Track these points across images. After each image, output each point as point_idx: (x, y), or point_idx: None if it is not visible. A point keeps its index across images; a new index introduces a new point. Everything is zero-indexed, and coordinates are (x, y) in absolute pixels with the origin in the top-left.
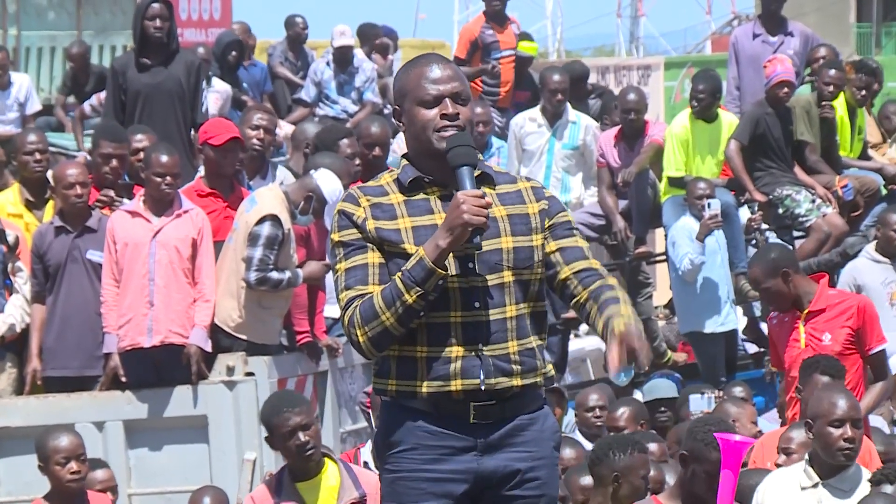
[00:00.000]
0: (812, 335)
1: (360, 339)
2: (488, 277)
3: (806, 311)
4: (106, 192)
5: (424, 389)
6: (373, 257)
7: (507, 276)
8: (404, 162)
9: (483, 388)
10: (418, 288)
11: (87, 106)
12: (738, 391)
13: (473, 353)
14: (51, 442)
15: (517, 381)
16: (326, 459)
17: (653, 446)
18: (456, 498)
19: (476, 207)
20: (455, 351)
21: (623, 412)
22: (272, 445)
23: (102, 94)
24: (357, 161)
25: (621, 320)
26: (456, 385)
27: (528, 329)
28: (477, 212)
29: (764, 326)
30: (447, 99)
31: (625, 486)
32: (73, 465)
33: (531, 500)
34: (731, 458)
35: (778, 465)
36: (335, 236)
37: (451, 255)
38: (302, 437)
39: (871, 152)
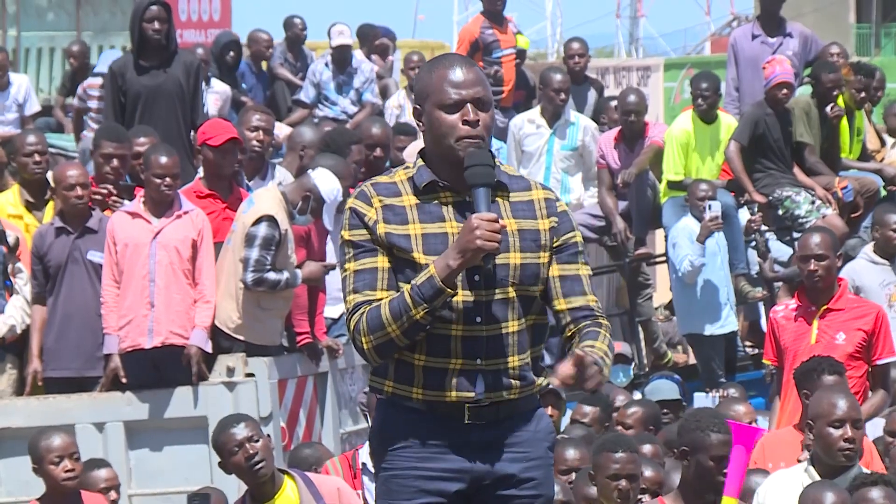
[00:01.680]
0: (826, 332)
1: (365, 347)
2: (493, 292)
3: (824, 308)
4: (105, 186)
5: (420, 396)
6: (382, 261)
7: (512, 292)
8: (420, 162)
9: (482, 399)
10: (426, 305)
11: (76, 100)
12: (732, 392)
13: (472, 367)
14: (43, 442)
15: (513, 395)
16: (286, 477)
17: (647, 447)
18: (449, 497)
19: (489, 233)
20: (454, 363)
21: (634, 412)
22: (225, 469)
23: (87, 83)
24: (362, 168)
25: (588, 345)
26: (451, 396)
27: (528, 343)
28: (490, 237)
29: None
30: (469, 104)
31: (598, 484)
32: (67, 464)
33: (527, 500)
34: (744, 438)
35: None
36: (345, 234)
37: None
38: (249, 448)
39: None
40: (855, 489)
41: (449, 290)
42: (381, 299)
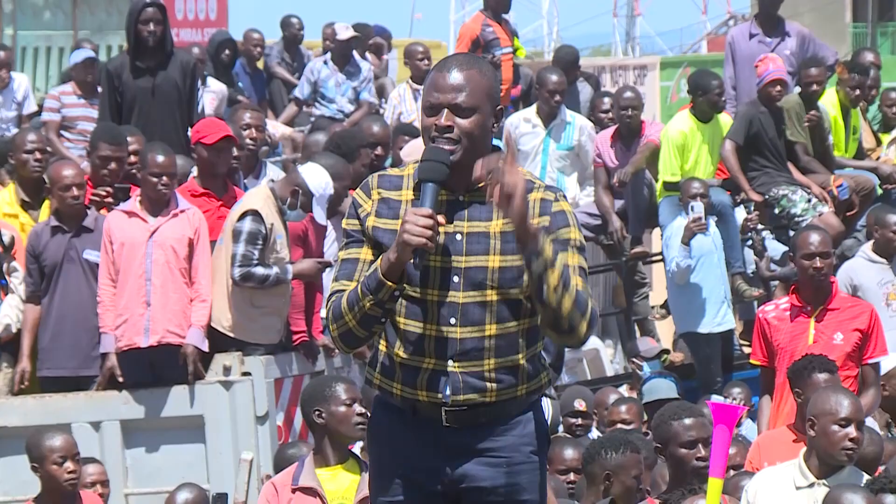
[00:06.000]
0: (823, 332)
1: (332, 334)
2: (471, 294)
3: (820, 308)
4: (104, 189)
5: (399, 392)
6: (365, 253)
7: (492, 296)
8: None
9: (448, 401)
10: (371, 297)
11: (46, 113)
12: (737, 392)
13: (443, 368)
14: (46, 441)
15: (490, 398)
16: (350, 454)
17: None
18: (428, 496)
19: (418, 227)
20: (427, 362)
21: (628, 407)
22: (320, 416)
23: (59, 90)
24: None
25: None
26: (422, 395)
27: (515, 347)
28: (419, 232)
29: None
30: (445, 109)
31: (616, 484)
32: (70, 465)
33: None
34: (724, 417)
35: None
36: (344, 223)
37: (434, 267)
38: (359, 408)
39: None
40: (873, 493)
41: (389, 283)
42: None
